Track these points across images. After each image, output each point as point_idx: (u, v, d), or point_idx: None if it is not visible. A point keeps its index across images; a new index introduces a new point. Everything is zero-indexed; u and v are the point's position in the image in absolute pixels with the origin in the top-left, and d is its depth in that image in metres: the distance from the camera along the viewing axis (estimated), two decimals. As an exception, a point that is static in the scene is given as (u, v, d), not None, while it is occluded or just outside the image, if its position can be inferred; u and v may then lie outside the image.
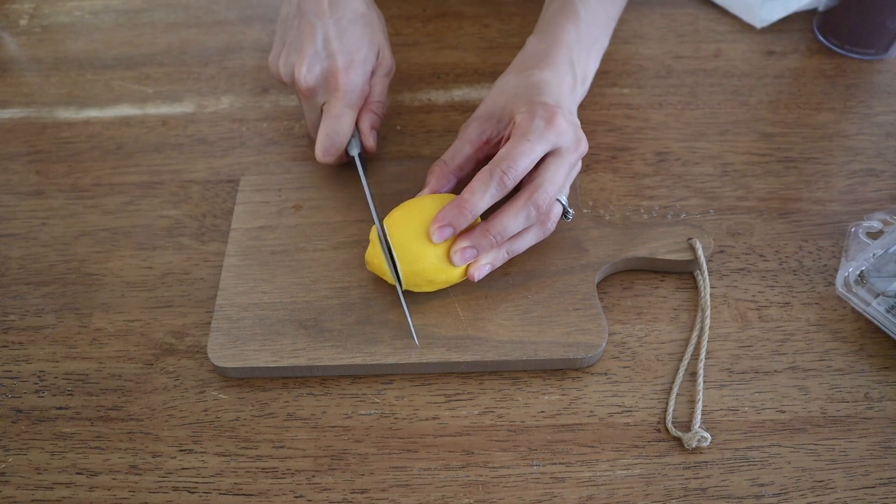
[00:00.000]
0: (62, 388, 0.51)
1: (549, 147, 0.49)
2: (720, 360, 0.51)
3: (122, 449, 0.49)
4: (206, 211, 0.61)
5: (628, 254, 0.54)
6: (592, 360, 0.51)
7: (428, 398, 0.50)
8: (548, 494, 0.46)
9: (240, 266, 0.55)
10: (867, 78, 0.68)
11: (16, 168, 0.65)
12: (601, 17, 0.58)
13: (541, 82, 0.52)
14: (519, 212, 0.49)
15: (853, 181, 0.60)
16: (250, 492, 0.47)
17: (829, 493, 0.45)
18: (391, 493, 0.46)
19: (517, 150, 0.48)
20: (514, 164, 0.48)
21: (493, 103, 0.53)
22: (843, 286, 0.51)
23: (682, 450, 0.47)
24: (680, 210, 0.59)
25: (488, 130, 0.53)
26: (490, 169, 0.48)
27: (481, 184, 0.48)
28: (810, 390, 0.49)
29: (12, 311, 0.55)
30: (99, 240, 0.59)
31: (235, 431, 0.49)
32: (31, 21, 0.78)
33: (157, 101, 0.69)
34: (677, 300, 0.54)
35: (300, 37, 0.55)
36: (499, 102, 0.53)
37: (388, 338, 0.51)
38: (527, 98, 0.51)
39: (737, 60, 0.70)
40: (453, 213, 0.48)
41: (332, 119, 0.55)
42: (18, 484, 0.47)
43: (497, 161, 0.48)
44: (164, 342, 0.53)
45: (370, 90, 0.58)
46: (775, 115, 0.65)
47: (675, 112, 0.66)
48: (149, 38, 0.75)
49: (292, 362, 0.50)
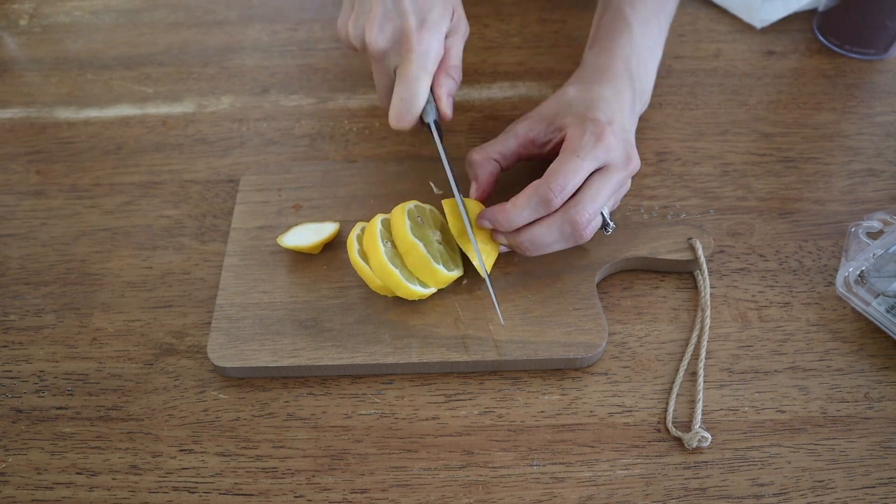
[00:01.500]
0: (62, 388, 0.51)
1: (597, 164, 0.49)
2: (720, 360, 0.51)
3: (122, 449, 0.49)
4: (206, 211, 0.61)
5: (628, 254, 0.54)
6: (592, 360, 0.51)
7: (428, 398, 0.50)
8: (548, 494, 0.46)
9: (240, 266, 0.55)
10: (867, 78, 0.68)
11: (16, 168, 0.65)
12: (654, 27, 0.58)
13: (599, 98, 0.52)
14: (553, 225, 0.49)
15: (853, 181, 0.60)
16: (250, 492, 0.47)
17: (829, 493, 0.45)
18: (391, 493, 0.46)
19: (567, 166, 0.48)
20: (562, 183, 0.48)
21: (548, 109, 0.54)
22: (843, 286, 0.51)
23: (682, 450, 0.47)
24: (680, 210, 0.59)
25: (535, 130, 0.53)
26: (539, 185, 0.48)
27: (528, 199, 0.48)
28: (810, 390, 0.49)
29: (12, 311, 0.55)
30: (99, 240, 0.59)
31: (235, 431, 0.49)
32: (31, 21, 0.78)
33: (157, 101, 0.69)
34: (677, 300, 0.54)
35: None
36: (553, 109, 0.53)
37: (388, 337, 0.51)
38: (581, 112, 0.51)
39: (737, 60, 0.70)
40: (495, 216, 0.49)
41: (406, 83, 0.51)
42: (18, 484, 0.47)
43: (547, 178, 0.48)
44: (164, 342, 0.53)
45: (445, 53, 0.53)
46: (775, 115, 0.65)
47: (675, 112, 0.66)
48: (149, 38, 0.75)
49: (292, 362, 0.50)
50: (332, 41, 0.74)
